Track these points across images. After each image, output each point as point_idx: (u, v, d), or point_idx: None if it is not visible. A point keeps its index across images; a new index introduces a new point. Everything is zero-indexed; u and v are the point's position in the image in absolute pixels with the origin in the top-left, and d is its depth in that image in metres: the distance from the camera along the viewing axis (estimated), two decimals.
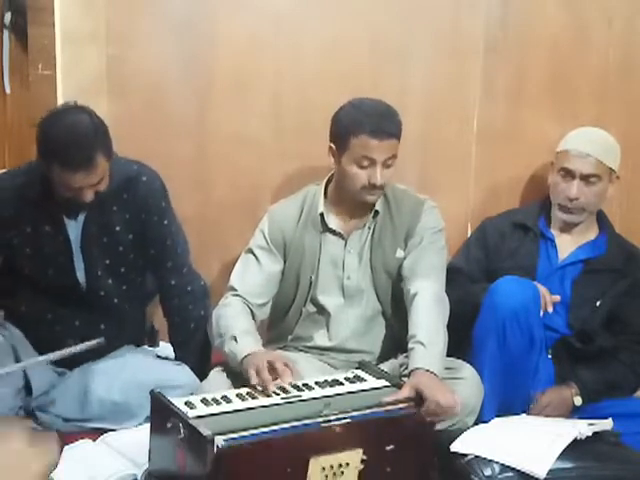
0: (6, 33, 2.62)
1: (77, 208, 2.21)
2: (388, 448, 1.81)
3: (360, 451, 1.76)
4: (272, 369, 1.96)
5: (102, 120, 2.12)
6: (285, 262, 2.31)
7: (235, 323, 2.15)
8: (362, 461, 1.77)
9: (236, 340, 2.08)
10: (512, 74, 2.75)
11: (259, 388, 1.94)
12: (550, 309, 2.26)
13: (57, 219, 2.22)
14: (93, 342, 2.13)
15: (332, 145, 2.24)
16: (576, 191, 2.43)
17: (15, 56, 2.65)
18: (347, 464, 1.76)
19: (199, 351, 2.39)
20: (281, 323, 2.36)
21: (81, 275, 2.27)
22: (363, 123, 2.15)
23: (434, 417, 1.88)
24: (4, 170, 2.49)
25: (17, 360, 2.26)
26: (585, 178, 2.43)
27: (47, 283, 2.27)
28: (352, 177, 2.19)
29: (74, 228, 2.24)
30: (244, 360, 2.02)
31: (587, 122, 2.57)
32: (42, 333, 2.28)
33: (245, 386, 1.97)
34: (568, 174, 2.45)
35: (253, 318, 2.24)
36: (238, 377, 2.05)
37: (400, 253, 2.28)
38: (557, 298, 2.30)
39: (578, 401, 2.34)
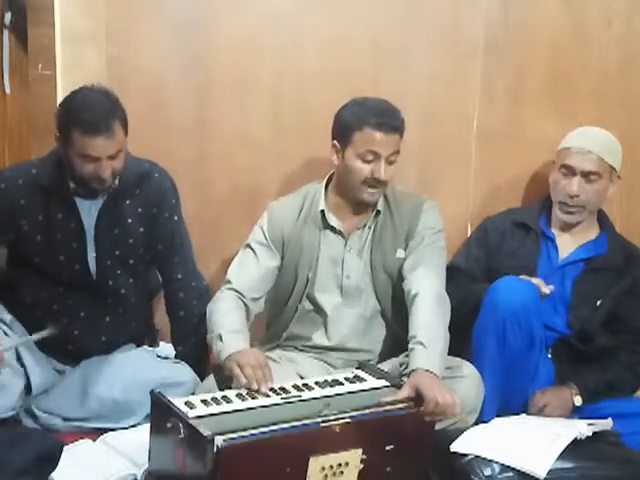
0: (6, 33, 2.62)
1: (93, 191, 2.22)
2: (388, 448, 1.81)
3: (360, 451, 1.76)
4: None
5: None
6: (283, 258, 2.31)
7: (224, 320, 2.15)
8: (362, 461, 1.77)
9: (221, 339, 2.08)
10: (512, 74, 2.75)
11: (244, 387, 1.93)
12: (546, 291, 2.26)
13: (71, 206, 2.25)
14: (50, 331, 2.21)
15: (335, 142, 2.24)
16: (576, 188, 2.43)
17: (15, 56, 2.65)
18: (347, 464, 1.75)
19: (200, 348, 2.40)
20: (277, 320, 2.36)
21: (92, 263, 2.30)
22: (368, 117, 2.17)
23: (433, 417, 1.88)
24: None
25: (18, 357, 2.26)
26: (586, 175, 2.43)
27: (57, 271, 2.29)
28: (355, 172, 2.20)
29: (88, 217, 2.27)
30: (227, 358, 2.02)
31: (587, 122, 2.57)
32: (48, 325, 2.28)
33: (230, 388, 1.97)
34: (569, 171, 2.45)
35: (247, 312, 2.24)
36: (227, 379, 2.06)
37: (401, 253, 2.28)
38: (551, 287, 2.29)
39: (578, 401, 2.34)
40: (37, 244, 2.27)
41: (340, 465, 1.75)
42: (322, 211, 2.30)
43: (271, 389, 1.94)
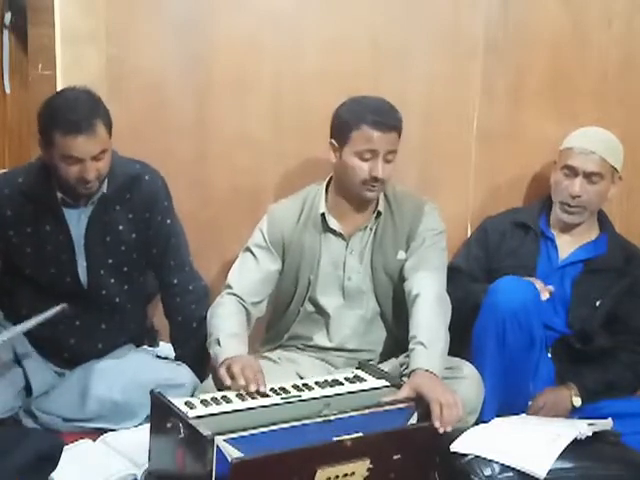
0: (6, 33, 2.62)
1: (80, 197, 2.19)
2: (395, 457, 1.80)
3: (367, 461, 1.76)
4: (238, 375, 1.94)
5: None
6: (284, 262, 2.31)
7: (224, 325, 2.14)
8: (368, 470, 1.76)
9: (219, 343, 2.07)
10: (512, 74, 2.75)
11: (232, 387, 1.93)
12: (546, 295, 2.26)
13: (59, 218, 2.22)
14: (57, 308, 2.15)
15: (332, 141, 2.24)
16: (579, 189, 2.43)
17: (15, 56, 2.65)
18: (353, 473, 1.75)
19: (200, 350, 2.38)
20: (279, 322, 2.36)
21: (83, 274, 2.27)
22: (365, 115, 2.16)
23: (446, 422, 1.84)
24: (3, 170, 2.49)
25: (17, 360, 2.26)
26: (588, 176, 2.43)
27: (48, 282, 2.26)
28: (353, 171, 2.19)
29: (77, 227, 2.24)
30: (222, 362, 2.01)
31: (587, 122, 2.57)
32: (43, 334, 2.28)
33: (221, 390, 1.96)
34: (571, 172, 2.45)
35: (248, 316, 2.24)
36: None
37: (402, 255, 2.27)
38: (551, 288, 2.30)
39: (577, 402, 2.34)
40: (27, 256, 2.24)
41: (346, 475, 1.74)
42: (322, 214, 2.30)
43: (271, 389, 1.94)
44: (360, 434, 1.75)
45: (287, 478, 1.68)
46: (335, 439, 1.73)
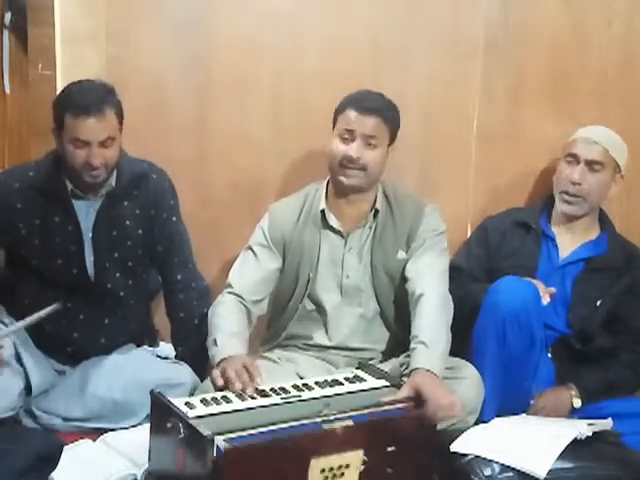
0: (6, 33, 2.62)
1: (88, 187, 2.22)
2: (389, 449, 1.81)
3: (361, 452, 1.76)
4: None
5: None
6: (284, 260, 2.31)
7: (223, 324, 2.14)
8: (363, 462, 1.77)
9: (217, 343, 2.08)
10: (512, 74, 2.75)
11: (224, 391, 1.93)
12: (547, 299, 2.26)
13: (69, 209, 2.25)
14: (52, 307, 2.08)
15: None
16: (578, 176, 2.44)
17: (15, 56, 2.65)
18: (347, 465, 1.75)
19: (200, 349, 2.39)
20: (278, 320, 2.36)
21: (90, 266, 2.29)
22: (347, 100, 2.26)
23: (435, 418, 1.87)
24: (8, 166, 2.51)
25: (18, 357, 2.26)
26: (589, 164, 2.45)
27: (55, 274, 2.28)
28: (333, 153, 2.24)
29: (85, 220, 2.26)
30: (218, 364, 2.01)
31: (587, 122, 2.57)
32: (46, 327, 2.29)
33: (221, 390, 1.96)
34: (574, 159, 2.47)
35: (249, 315, 2.24)
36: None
37: (402, 255, 2.27)
38: (553, 290, 2.30)
39: (577, 403, 2.34)
40: (35, 248, 2.26)
41: (341, 467, 1.74)
42: (322, 211, 2.30)
43: (271, 389, 1.94)
44: (350, 422, 1.76)
45: (281, 469, 1.68)
46: (325, 427, 1.73)
